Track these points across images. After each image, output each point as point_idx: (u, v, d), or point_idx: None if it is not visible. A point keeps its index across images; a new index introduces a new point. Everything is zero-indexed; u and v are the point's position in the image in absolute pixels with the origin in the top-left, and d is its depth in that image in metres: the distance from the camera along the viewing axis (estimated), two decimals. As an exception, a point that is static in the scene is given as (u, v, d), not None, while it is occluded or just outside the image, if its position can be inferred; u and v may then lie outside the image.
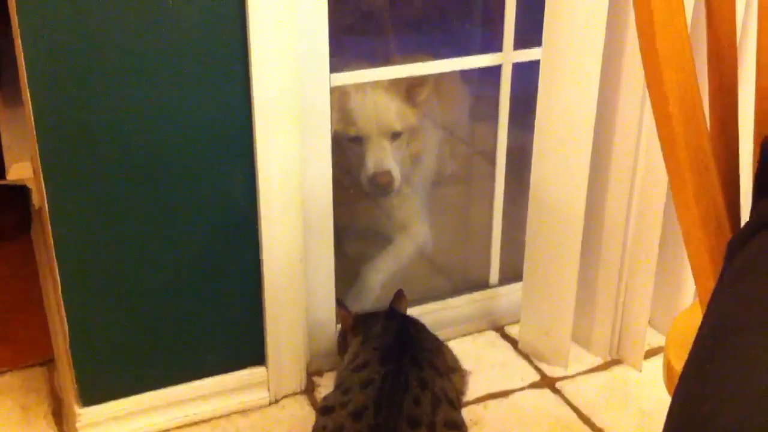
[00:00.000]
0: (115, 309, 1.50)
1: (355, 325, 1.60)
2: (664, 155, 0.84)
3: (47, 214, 1.39)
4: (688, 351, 0.67)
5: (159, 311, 1.53)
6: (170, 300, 1.53)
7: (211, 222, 1.50)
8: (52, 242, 1.41)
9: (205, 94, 1.41)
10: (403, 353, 1.44)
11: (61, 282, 1.43)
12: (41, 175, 1.36)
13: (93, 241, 1.43)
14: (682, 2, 0.79)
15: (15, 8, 1.26)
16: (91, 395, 1.54)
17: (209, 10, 1.36)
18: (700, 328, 0.67)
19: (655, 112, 0.82)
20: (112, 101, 1.36)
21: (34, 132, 1.33)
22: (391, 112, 1.82)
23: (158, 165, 1.43)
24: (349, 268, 1.90)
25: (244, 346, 1.63)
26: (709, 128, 0.85)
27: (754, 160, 0.81)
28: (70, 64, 1.31)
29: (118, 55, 1.33)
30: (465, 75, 2.04)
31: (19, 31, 1.26)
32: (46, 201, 1.38)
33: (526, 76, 1.71)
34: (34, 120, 1.32)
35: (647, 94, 1.32)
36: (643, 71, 0.82)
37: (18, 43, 1.28)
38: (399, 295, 1.66)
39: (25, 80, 1.31)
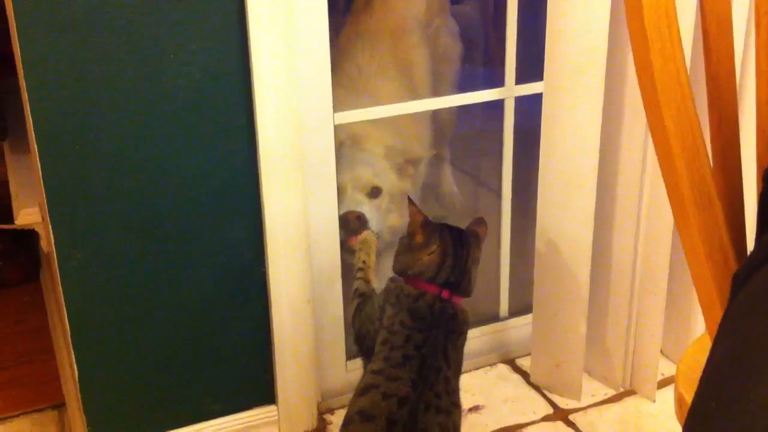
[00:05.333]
0: (124, 354, 1.50)
1: (426, 226, 1.41)
2: (668, 191, 0.84)
3: (55, 261, 1.40)
4: (697, 383, 0.67)
5: (168, 355, 1.53)
6: (179, 343, 1.53)
7: (218, 268, 1.51)
8: (60, 288, 1.42)
9: (208, 148, 1.42)
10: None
11: (70, 326, 1.44)
12: (49, 225, 1.37)
13: (101, 288, 1.44)
14: (680, 42, 0.80)
15: (20, 65, 1.28)
16: (102, 439, 1.54)
17: (210, 67, 1.37)
18: (707, 364, 0.67)
19: (657, 150, 0.83)
20: (113, 157, 1.37)
21: (42, 182, 1.35)
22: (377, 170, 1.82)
23: (162, 218, 1.44)
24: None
25: (254, 386, 1.63)
26: (711, 163, 0.85)
27: (757, 192, 0.81)
28: (73, 120, 1.33)
29: (119, 110, 1.35)
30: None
31: (25, 87, 1.29)
32: (53, 249, 1.39)
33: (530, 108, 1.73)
34: (41, 171, 1.34)
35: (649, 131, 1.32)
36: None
37: (25, 98, 1.30)
38: (479, 221, 1.47)
39: (32, 133, 1.32)
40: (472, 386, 1.78)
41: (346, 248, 1.69)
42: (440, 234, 1.40)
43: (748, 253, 0.82)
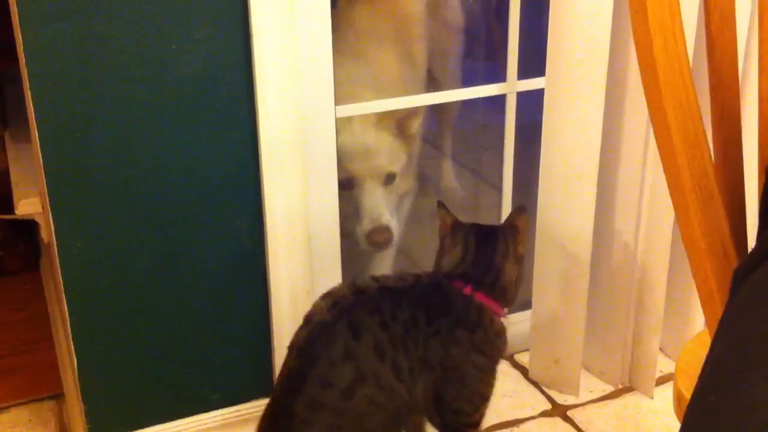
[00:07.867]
0: (124, 344, 1.50)
1: (455, 228, 1.42)
2: (669, 186, 0.84)
3: (55, 251, 1.40)
4: (696, 379, 0.67)
5: (167, 346, 1.53)
6: (179, 333, 1.53)
7: (218, 258, 1.50)
8: (60, 277, 1.42)
9: (210, 138, 1.42)
10: None
11: (69, 317, 1.44)
12: (50, 214, 1.37)
13: (101, 279, 1.44)
14: (683, 36, 0.79)
15: (22, 55, 1.27)
16: (100, 429, 1.53)
17: (213, 56, 1.37)
18: (707, 358, 0.67)
19: (658, 144, 0.83)
20: (115, 146, 1.37)
21: (43, 172, 1.35)
22: (384, 152, 1.79)
23: (163, 207, 1.44)
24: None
25: (253, 377, 1.63)
26: (713, 157, 0.85)
27: (759, 186, 0.81)
28: (75, 108, 1.32)
29: (121, 99, 1.34)
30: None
31: (27, 76, 1.28)
32: (54, 239, 1.39)
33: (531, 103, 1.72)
34: (42, 161, 1.34)
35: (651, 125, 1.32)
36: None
37: (26, 86, 1.30)
38: (520, 210, 1.44)
39: (34, 122, 1.32)
40: (470, 381, 1.78)
41: (353, 239, 1.70)
42: (464, 234, 1.41)
43: (749, 248, 0.82)
